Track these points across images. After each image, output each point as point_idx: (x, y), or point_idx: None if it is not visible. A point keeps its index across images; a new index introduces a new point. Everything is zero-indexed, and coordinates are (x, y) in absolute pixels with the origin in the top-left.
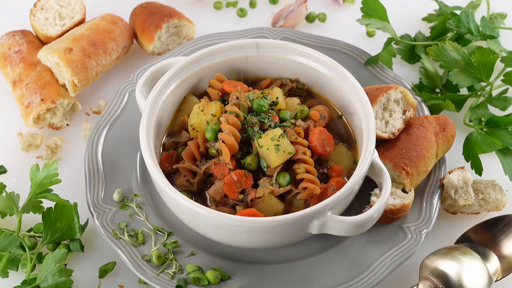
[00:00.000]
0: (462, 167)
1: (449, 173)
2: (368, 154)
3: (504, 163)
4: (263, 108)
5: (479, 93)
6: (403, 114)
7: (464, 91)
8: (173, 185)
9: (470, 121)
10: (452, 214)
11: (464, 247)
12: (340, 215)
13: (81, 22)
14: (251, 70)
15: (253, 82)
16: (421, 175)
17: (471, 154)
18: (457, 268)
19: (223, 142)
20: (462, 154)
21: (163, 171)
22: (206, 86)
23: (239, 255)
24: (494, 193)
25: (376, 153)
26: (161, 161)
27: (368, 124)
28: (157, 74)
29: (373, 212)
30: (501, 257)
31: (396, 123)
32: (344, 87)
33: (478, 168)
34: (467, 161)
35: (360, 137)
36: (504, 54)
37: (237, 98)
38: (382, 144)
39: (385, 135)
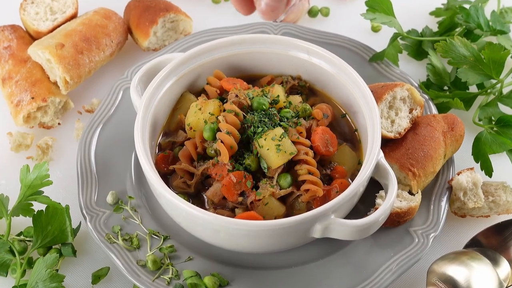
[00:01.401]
0: (472, 168)
1: (458, 174)
2: (373, 155)
3: None
4: (264, 106)
5: (489, 90)
6: (409, 113)
7: (473, 89)
8: (169, 187)
9: (479, 120)
10: (461, 217)
11: (473, 251)
12: (344, 218)
13: (73, 16)
14: (251, 67)
15: (253, 79)
16: (428, 176)
17: (480, 154)
18: (466, 274)
19: (221, 142)
20: (472, 155)
21: (159, 172)
22: (204, 83)
23: (238, 260)
24: (505, 195)
25: (382, 154)
26: (156, 162)
27: (373, 124)
28: (153, 71)
29: (378, 215)
30: None
31: (403, 122)
32: (348, 84)
33: (488, 169)
34: (477, 162)
35: (365, 137)
36: None
37: (236, 96)
38: (387, 144)
39: (391, 135)
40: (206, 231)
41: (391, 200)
